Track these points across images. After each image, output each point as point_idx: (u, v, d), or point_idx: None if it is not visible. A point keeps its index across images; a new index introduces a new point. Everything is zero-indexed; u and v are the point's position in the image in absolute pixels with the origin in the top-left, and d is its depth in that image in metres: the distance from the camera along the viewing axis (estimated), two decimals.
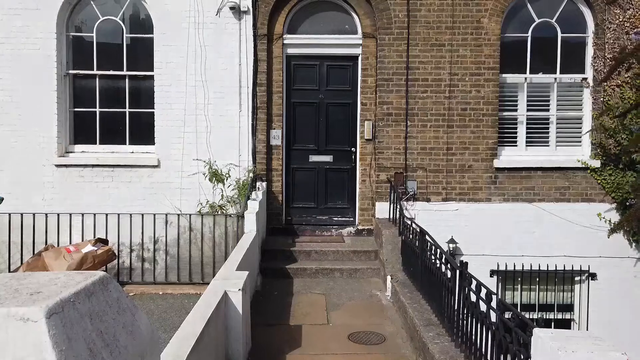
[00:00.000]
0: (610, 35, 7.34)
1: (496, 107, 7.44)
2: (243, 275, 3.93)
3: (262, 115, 7.44)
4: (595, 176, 7.44)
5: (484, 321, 2.98)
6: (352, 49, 7.63)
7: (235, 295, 3.58)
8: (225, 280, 3.83)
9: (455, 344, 3.47)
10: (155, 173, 7.29)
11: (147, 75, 7.48)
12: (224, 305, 3.46)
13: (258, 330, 4.35)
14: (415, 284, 5.11)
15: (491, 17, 7.32)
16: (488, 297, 2.94)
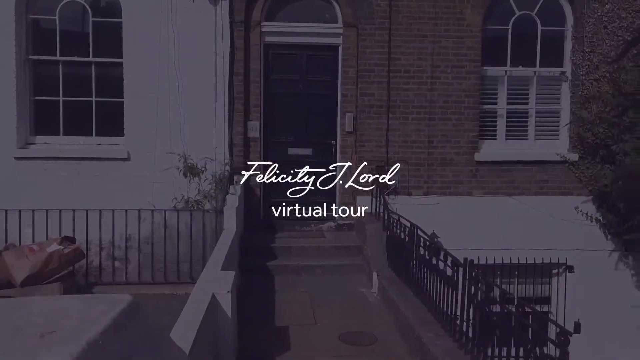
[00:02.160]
0: (589, 30, 7.36)
1: (477, 99, 7.37)
2: (230, 275, 3.66)
3: (240, 106, 7.12)
4: (573, 169, 7.49)
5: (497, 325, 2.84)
6: (333, 38, 7.39)
7: (224, 298, 3.32)
8: (211, 281, 3.55)
9: (458, 345, 3.32)
10: (125, 166, 6.88)
11: (115, 62, 7.04)
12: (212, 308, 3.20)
13: (243, 332, 4.10)
14: (404, 281, 4.96)
15: (473, 8, 7.23)
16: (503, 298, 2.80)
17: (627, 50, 3.70)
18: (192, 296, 3.21)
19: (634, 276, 7.50)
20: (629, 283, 7.50)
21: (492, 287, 2.97)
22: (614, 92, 7.20)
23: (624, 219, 6.99)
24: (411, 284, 4.74)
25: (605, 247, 7.49)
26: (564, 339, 2.22)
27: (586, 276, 7.36)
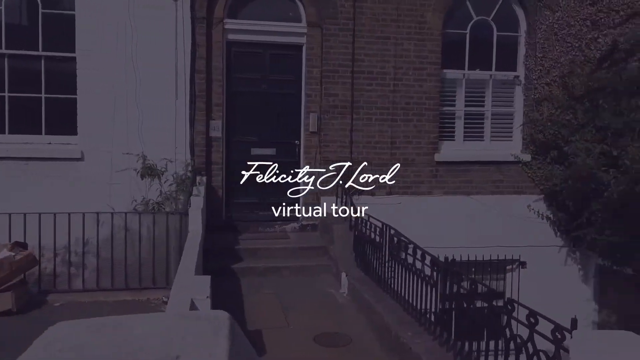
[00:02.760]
0: (540, 36, 7.71)
1: (438, 101, 7.55)
2: (206, 280, 3.54)
3: (201, 104, 6.92)
4: (526, 169, 7.82)
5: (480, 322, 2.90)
6: (297, 37, 7.34)
7: (203, 304, 3.20)
8: (188, 286, 3.42)
9: (439, 342, 3.37)
10: (79, 167, 6.52)
11: (67, 57, 6.65)
12: None
13: None
14: (375, 280, 5.00)
15: (434, 12, 7.39)
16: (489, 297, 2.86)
17: (605, 61, 3.91)
18: (171, 302, 3.08)
19: (581, 270, 7.94)
20: (576, 277, 7.93)
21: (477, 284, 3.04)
22: (563, 95, 7.58)
23: (573, 217, 7.37)
24: (383, 284, 4.77)
25: (555, 243, 7.88)
26: (561, 336, 2.30)
27: (538, 271, 7.70)
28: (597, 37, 7.74)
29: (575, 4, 7.73)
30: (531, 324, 2.65)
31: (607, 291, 7.71)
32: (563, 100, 7.47)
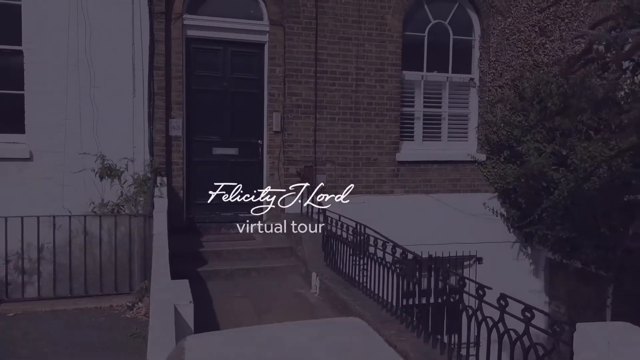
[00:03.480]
0: (494, 40, 8.03)
1: (398, 102, 7.68)
2: (185, 284, 3.42)
3: (160, 102, 6.67)
4: (481, 168, 8.12)
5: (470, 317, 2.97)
6: (259, 35, 7.23)
7: (186, 309, 3.08)
8: (166, 290, 3.28)
9: (423, 339, 3.42)
10: (28, 168, 6.08)
11: (13, 50, 6.20)
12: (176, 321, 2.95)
13: None
14: (348, 280, 5.00)
15: (394, 14, 7.52)
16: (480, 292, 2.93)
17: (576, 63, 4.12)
18: (154, 309, 2.93)
19: (532, 264, 8.34)
20: (528, 271, 8.32)
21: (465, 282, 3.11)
22: (515, 97, 7.93)
23: (525, 214, 7.73)
24: (357, 283, 4.79)
25: (509, 239, 8.23)
26: (560, 329, 2.41)
27: (493, 266, 7.99)
28: (545, 42, 8.18)
29: (524, 11, 8.12)
30: (502, 306, 2.81)
31: (557, 283, 8.15)
32: (515, 102, 7.81)
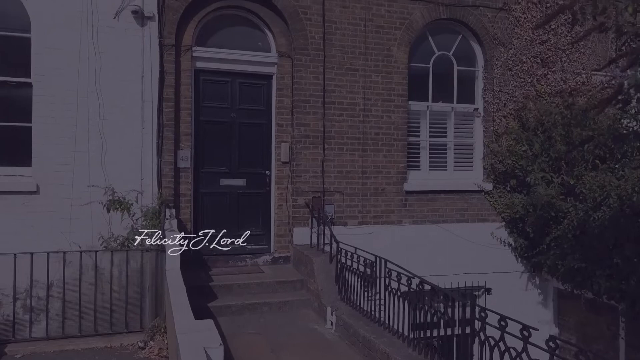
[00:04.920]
0: (497, 71, 8.15)
1: (405, 132, 7.71)
2: (210, 324, 3.30)
3: (169, 134, 6.62)
4: (488, 198, 8.12)
5: None
6: (267, 67, 7.26)
7: (216, 352, 2.95)
8: (193, 331, 3.16)
9: None
10: (34, 201, 5.96)
11: (22, 82, 6.15)
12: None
13: None
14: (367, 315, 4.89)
15: (399, 46, 7.61)
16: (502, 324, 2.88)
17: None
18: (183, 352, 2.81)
19: (541, 295, 8.27)
20: (537, 301, 8.24)
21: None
22: (519, 127, 8.00)
23: (533, 244, 7.70)
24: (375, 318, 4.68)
25: (517, 269, 8.17)
26: None
27: (502, 297, 7.91)
28: (547, 73, 8.31)
29: (526, 43, 8.28)
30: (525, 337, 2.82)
31: (566, 314, 8.06)
32: (519, 132, 7.87)
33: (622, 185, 6.42)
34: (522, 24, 8.22)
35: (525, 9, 8.22)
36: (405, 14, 7.61)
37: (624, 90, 3.54)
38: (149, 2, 6.41)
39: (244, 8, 7.10)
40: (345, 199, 7.35)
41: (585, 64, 8.24)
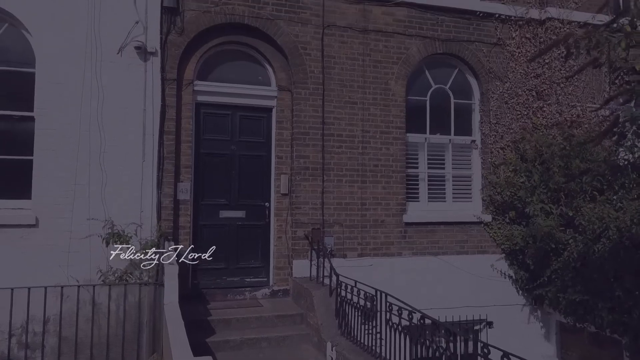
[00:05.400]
0: (493, 104, 8.27)
1: (404, 164, 7.76)
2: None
3: (170, 166, 6.65)
4: (487, 229, 8.10)
5: None
6: (267, 100, 7.37)
7: None
8: None
9: None
10: (33, 234, 5.94)
11: (24, 116, 6.22)
12: None
13: None
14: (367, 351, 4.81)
15: (397, 80, 7.75)
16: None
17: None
18: None
19: (543, 328, 8.16)
20: (539, 335, 8.13)
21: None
22: (517, 159, 8.07)
23: (534, 276, 7.65)
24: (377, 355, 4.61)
25: (518, 301, 8.09)
26: None
27: (503, 330, 7.80)
28: (543, 106, 8.43)
29: (521, 76, 8.43)
30: None
31: (569, 348, 7.94)
32: (517, 163, 7.93)
33: (620, 217, 6.43)
34: (517, 58, 8.39)
35: (519, 43, 8.41)
36: (402, 49, 7.77)
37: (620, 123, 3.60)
38: (152, 38, 6.55)
39: (245, 44, 7.25)
40: (344, 231, 7.34)
41: (580, 97, 8.37)
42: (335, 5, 7.43)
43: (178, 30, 6.72)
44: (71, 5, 6.25)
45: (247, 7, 7.03)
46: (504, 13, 8.26)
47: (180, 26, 6.73)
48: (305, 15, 7.29)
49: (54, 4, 6.19)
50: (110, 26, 6.37)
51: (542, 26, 8.42)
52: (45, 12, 6.15)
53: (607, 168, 4.94)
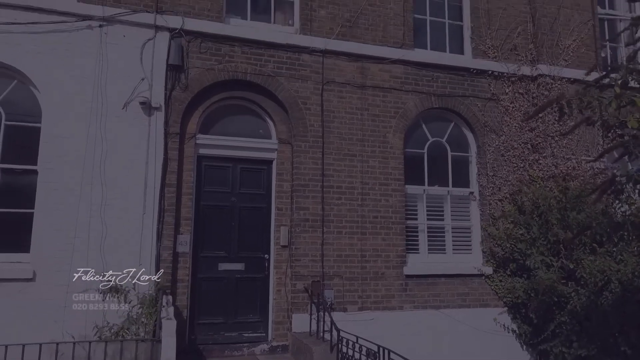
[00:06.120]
0: (490, 156, 8.41)
1: (403, 215, 7.79)
2: None
3: (170, 218, 6.67)
4: (488, 282, 8.03)
5: None
6: (267, 153, 7.49)
7: None
8: None
9: None
10: (29, 288, 5.86)
11: (28, 170, 6.29)
12: None
13: None
14: None
15: (395, 133, 7.91)
16: None
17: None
18: None
19: None
20: None
21: None
22: (515, 211, 8.11)
23: (538, 330, 7.51)
24: None
25: (523, 357, 7.88)
26: None
27: None
28: (539, 159, 8.57)
29: (516, 130, 8.62)
30: None
31: None
32: (516, 216, 7.97)
33: (622, 269, 6.42)
34: (511, 112, 8.61)
35: (513, 98, 8.65)
36: (399, 104, 7.99)
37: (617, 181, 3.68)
38: (157, 93, 6.74)
39: (247, 99, 7.46)
40: (344, 284, 7.26)
41: (575, 150, 8.53)
42: (334, 63, 7.71)
43: (182, 87, 6.92)
44: (79, 63, 6.46)
45: (250, 64, 7.29)
46: (496, 70, 8.55)
47: (185, 83, 6.94)
48: (305, 73, 7.53)
49: (63, 63, 6.40)
50: (117, 83, 6.56)
51: (534, 82, 8.71)
52: (53, 70, 6.35)
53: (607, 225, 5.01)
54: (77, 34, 6.49)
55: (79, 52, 6.46)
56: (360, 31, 7.96)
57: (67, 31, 6.46)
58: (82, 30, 6.51)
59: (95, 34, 6.56)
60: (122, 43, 6.65)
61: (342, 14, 7.89)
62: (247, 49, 7.31)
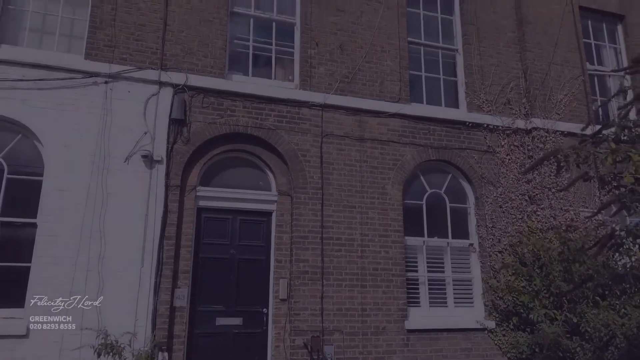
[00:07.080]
0: (488, 208, 8.45)
1: (403, 267, 7.72)
2: None
3: (168, 272, 6.59)
4: (491, 337, 7.86)
5: None
6: (267, 204, 7.52)
7: None
8: None
9: None
10: (22, 345, 5.71)
11: (27, 223, 6.27)
12: None
13: None
14: None
15: (393, 185, 7.98)
16: None
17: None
18: None
19: None
20: None
21: None
22: (516, 263, 8.05)
23: None
24: None
25: None
26: None
27: None
28: (537, 210, 8.61)
29: (513, 182, 8.71)
30: None
31: None
32: (517, 267, 7.91)
33: (626, 323, 6.32)
34: (507, 164, 8.73)
35: (509, 151, 8.80)
36: (397, 156, 8.11)
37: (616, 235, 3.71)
38: (159, 147, 6.84)
39: (248, 151, 7.56)
40: (345, 339, 7.10)
41: (572, 202, 8.59)
42: (333, 117, 7.89)
43: (184, 140, 7.04)
44: (84, 118, 6.59)
45: (251, 118, 7.45)
46: (491, 123, 8.75)
47: (187, 136, 7.06)
48: (305, 126, 7.69)
49: (68, 118, 6.52)
50: (120, 136, 6.67)
51: (528, 135, 8.89)
52: (58, 125, 6.46)
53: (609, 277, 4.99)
54: (84, 90, 6.67)
55: (85, 107, 6.61)
56: (358, 86, 8.20)
57: (74, 87, 6.64)
58: (88, 87, 6.69)
59: (100, 89, 6.73)
60: (127, 98, 6.81)
61: (340, 70, 8.15)
62: (248, 103, 7.50)
